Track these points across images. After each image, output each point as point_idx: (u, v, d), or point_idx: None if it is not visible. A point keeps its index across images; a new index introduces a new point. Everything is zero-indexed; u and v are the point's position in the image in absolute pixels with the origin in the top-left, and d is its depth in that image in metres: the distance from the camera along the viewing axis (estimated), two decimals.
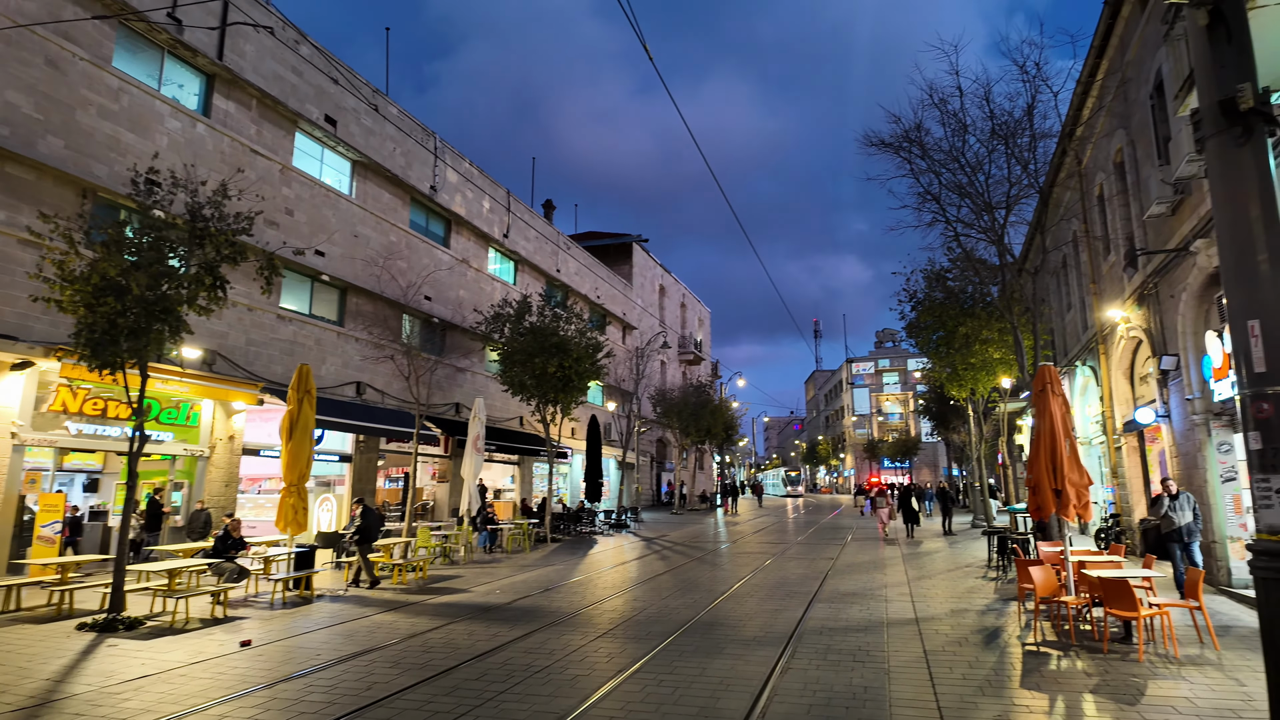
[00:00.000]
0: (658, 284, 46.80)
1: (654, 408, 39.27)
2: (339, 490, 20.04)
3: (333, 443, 19.38)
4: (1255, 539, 3.90)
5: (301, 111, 18.54)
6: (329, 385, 19.20)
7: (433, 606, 10.80)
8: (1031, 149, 12.82)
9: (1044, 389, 9.97)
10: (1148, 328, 13.01)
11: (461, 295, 24.80)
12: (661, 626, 9.23)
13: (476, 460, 17.97)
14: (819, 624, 9.35)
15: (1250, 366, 3.93)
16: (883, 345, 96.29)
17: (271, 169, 17.78)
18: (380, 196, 21.62)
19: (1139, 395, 14.98)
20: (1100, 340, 16.23)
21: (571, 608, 10.62)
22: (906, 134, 13.63)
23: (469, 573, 14.39)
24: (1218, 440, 10.71)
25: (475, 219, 25.89)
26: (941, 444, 60.25)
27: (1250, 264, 4.01)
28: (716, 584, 12.90)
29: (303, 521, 12.17)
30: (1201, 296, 10.88)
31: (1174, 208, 11.17)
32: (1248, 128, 4.08)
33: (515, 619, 9.81)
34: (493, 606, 10.76)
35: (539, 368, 20.45)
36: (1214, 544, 10.79)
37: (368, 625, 9.49)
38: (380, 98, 21.67)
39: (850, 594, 11.65)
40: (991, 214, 13.17)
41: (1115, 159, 14.37)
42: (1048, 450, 9.81)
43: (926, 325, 21.26)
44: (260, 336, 17.33)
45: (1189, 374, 11.25)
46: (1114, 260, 14.87)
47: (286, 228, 18.06)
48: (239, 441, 16.54)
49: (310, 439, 12.48)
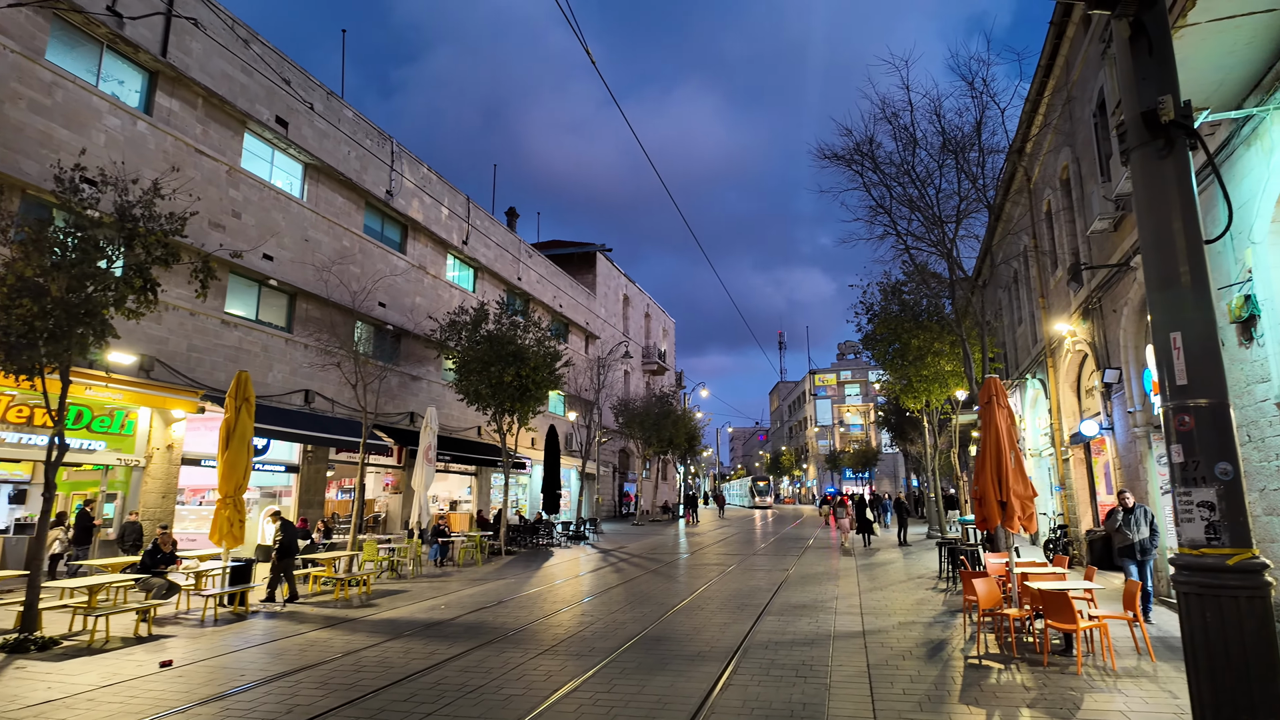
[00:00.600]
0: (622, 293, 46.71)
1: (616, 418, 39.07)
2: (286, 501, 19.45)
3: (279, 453, 18.81)
4: (1177, 553, 3.87)
5: (251, 112, 18.06)
6: (276, 393, 18.66)
7: (372, 623, 10.44)
8: (980, 164, 13.02)
9: (990, 400, 10.04)
10: (1092, 341, 13.24)
11: (418, 302, 24.37)
12: (607, 642, 9.03)
13: (428, 471, 17.58)
14: (766, 638, 9.24)
15: (1173, 379, 3.91)
16: (845, 357, 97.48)
17: (218, 170, 17.26)
18: (333, 200, 21.16)
19: (1085, 408, 15.25)
20: (1049, 354, 16.51)
21: (516, 623, 10.36)
22: (858, 147, 13.77)
23: (416, 587, 14.00)
24: (1158, 452, 10.90)
25: (433, 225, 25.50)
26: (900, 455, 61.03)
27: (1172, 276, 4.00)
28: (669, 596, 12.73)
29: (239, 535, 11.71)
30: (1142, 311, 11.08)
31: (1116, 224, 11.39)
32: (1169, 140, 4.08)
33: (456, 636, 9.51)
34: (435, 622, 10.44)
35: (495, 376, 20.14)
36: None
37: (300, 643, 9.11)
38: (335, 100, 21.25)
39: (801, 606, 11.58)
40: (941, 228, 13.33)
41: (1062, 176, 14.66)
42: (993, 462, 9.88)
43: (882, 337, 21.46)
44: (203, 342, 16.75)
45: (1131, 387, 11.45)
46: (1061, 275, 15.15)
47: (233, 230, 17.53)
48: (178, 451, 15.93)
49: (249, 448, 12.04)
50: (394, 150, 23.65)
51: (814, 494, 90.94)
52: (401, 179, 23.92)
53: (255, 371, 18.13)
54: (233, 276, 17.92)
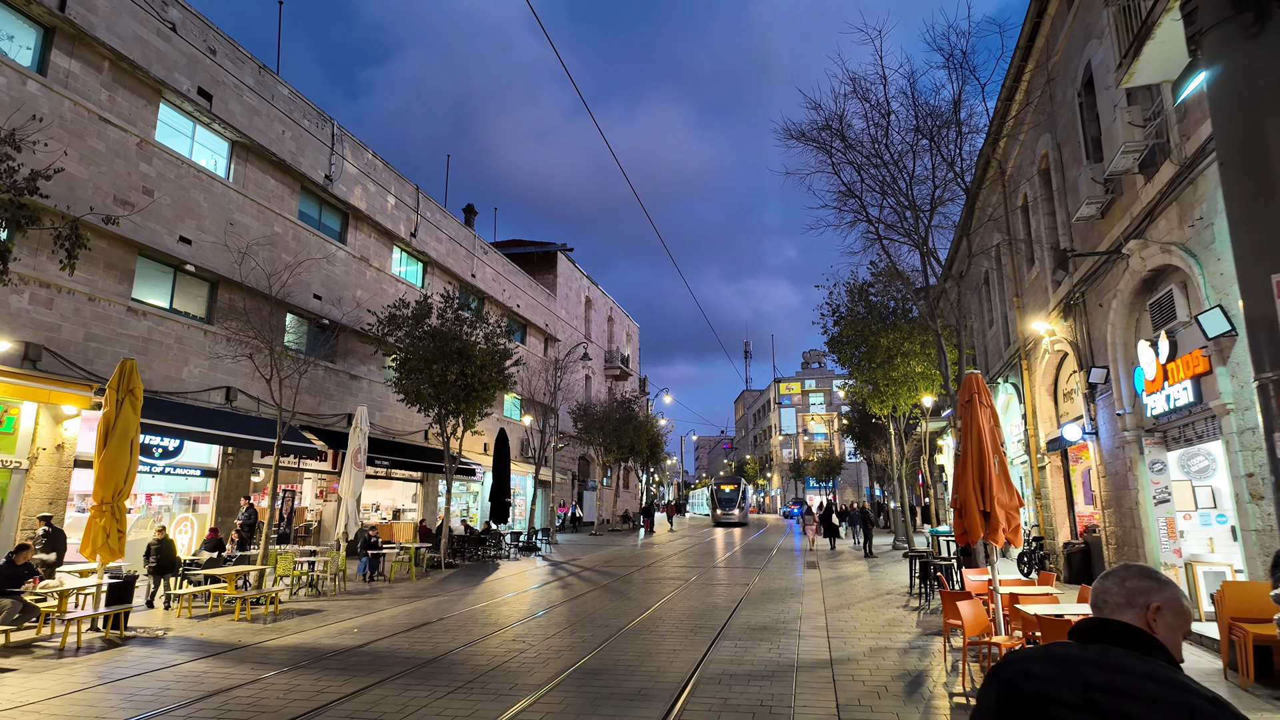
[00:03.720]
0: (584, 295, 45.38)
1: (575, 423, 37.66)
2: (203, 509, 17.71)
3: (195, 455, 17.09)
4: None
5: (167, 80, 16.41)
6: (192, 389, 16.96)
7: (265, 651, 8.95)
8: (958, 145, 12.07)
9: (971, 399, 8.96)
10: (1074, 340, 12.35)
11: (359, 295, 22.76)
12: (534, 675, 7.70)
13: (357, 476, 16.05)
14: (720, 669, 8.00)
15: (1275, 339, 2.78)
16: (809, 365, 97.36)
17: (126, 141, 15.58)
18: (264, 183, 19.52)
19: (1063, 412, 14.38)
20: (1023, 355, 15.66)
21: (434, 651, 8.96)
22: (828, 123, 12.71)
23: (334, 606, 12.49)
24: (1150, 458, 9.96)
25: (378, 214, 23.93)
26: (864, 464, 60.64)
27: (1267, 197, 2.87)
28: (616, 617, 11.43)
29: (117, 547, 10.11)
30: (1133, 304, 10.18)
31: (1104, 209, 10.48)
32: (1261, 12, 2.96)
33: (358, 667, 8.09)
34: (340, 650, 8.99)
35: (438, 375, 18.65)
36: None
37: (167, 678, 7.61)
38: (268, 75, 19.65)
39: (761, 628, 10.38)
40: (915, 212, 12.35)
41: (1040, 165, 13.82)
42: (975, 468, 8.78)
43: (848, 339, 20.52)
44: (104, 331, 15.03)
45: (1119, 387, 10.53)
46: (1038, 272, 14.29)
47: (144, 209, 15.85)
48: (70, 452, 14.17)
49: (132, 447, 10.46)
50: (335, 133, 22.08)
51: (778, 503, 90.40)
52: (343, 164, 22.35)
53: (168, 366, 16.44)
54: (142, 260, 16.23)
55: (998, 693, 1.53)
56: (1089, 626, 1.58)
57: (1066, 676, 1.44)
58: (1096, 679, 1.41)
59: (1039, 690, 1.46)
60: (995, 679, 1.57)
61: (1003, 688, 1.53)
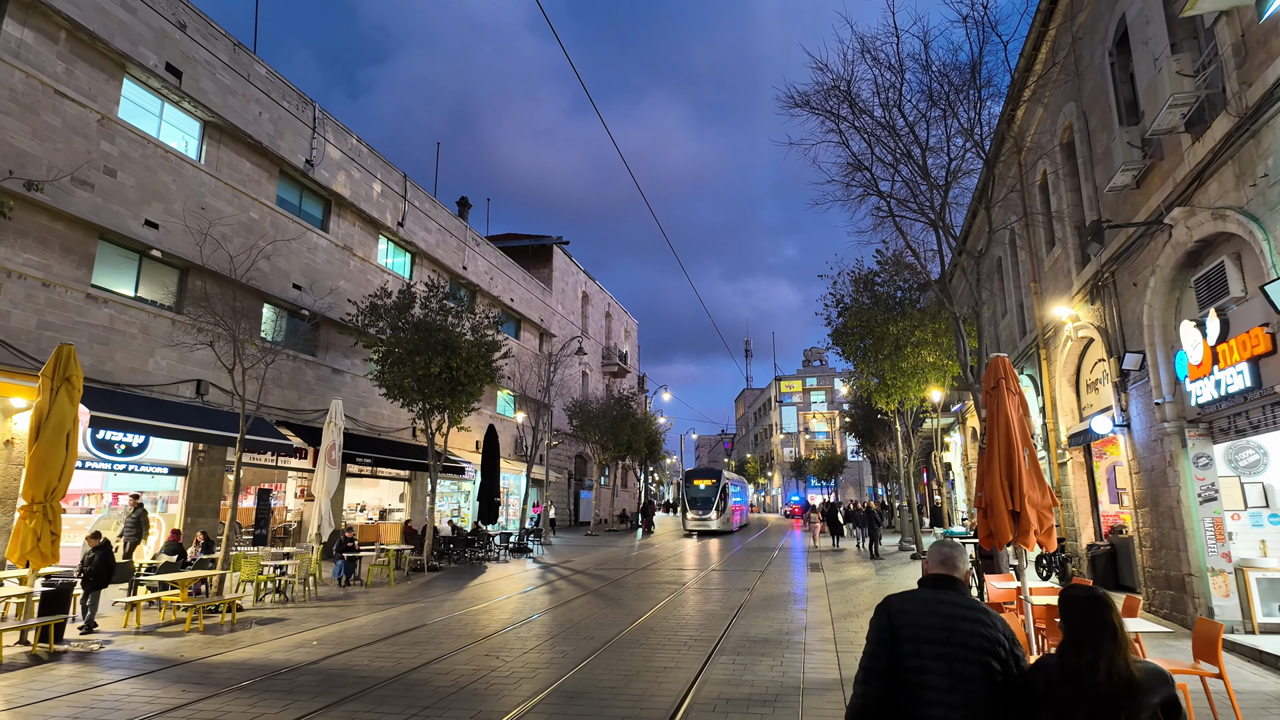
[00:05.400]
0: (580, 290, 44.41)
1: (570, 420, 36.69)
2: (172, 509, 16.76)
3: (163, 452, 16.13)
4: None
5: (132, 54, 15.45)
6: (159, 382, 16.03)
7: (206, 668, 7.99)
8: (977, 108, 11.08)
9: (997, 385, 7.97)
10: (1102, 325, 11.36)
11: (342, 286, 21.79)
12: (503, 700, 6.74)
13: (332, 475, 15.13)
14: (715, 691, 7.04)
15: None
16: (810, 364, 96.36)
17: (85, 118, 14.63)
18: (240, 166, 18.56)
19: (1087, 404, 13.40)
20: (1041, 345, 14.68)
21: (396, 668, 8.00)
22: (835, 85, 11.69)
23: (300, 614, 11.53)
24: (1195, 452, 8.98)
25: (362, 202, 22.97)
26: (866, 462, 59.71)
27: None
28: (604, 626, 10.47)
29: (49, 551, 9.14)
30: (1175, 280, 9.20)
31: (1140, 177, 9.51)
32: None
33: (304, 689, 7.13)
34: (290, 667, 8.03)
35: (421, 367, 17.67)
36: (1190, 578, 9.01)
37: (81, 703, 6.65)
38: (244, 54, 18.67)
39: (762, 640, 9.41)
40: (931, 184, 11.35)
41: (1062, 138, 12.84)
42: (1003, 463, 7.79)
43: (853, 330, 19.52)
44: (60, 319, 14.08)
45: (1157, 374, 9.55)
46: (1060, 253, 13.31)
47: (106, 190, 14.91)
48: (20, 448, 13.21)
49: (69, 441, 9.49)
50: (317, 116, 21.11)
51: (778, 502, 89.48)
52: (325, 148, 21.38)
53: (132, 357, 15.49)
54: (104, 244, 15.28)
55: (890, 620, 2.54)
56: (935, 579, 2.65)
57: (928, 609, 2.53)
58: (942, 609, 2.51)
59: (913, 618, 2.51)
60: (886, 610, 2.58)
61: (892, 617, 2.55)
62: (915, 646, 2.42)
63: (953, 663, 2.37)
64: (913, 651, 2.42)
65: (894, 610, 2.53)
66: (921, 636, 2.43)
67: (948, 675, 2.36)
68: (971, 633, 2.40)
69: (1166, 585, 9.69)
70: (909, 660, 2.42)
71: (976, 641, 2.38)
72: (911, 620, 2.48)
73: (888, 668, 2.45)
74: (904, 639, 2.45)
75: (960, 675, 2.35)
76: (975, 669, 2.36)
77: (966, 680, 2.35)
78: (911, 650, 2.43)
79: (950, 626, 2.42)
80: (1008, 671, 2.38)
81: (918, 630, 2.44)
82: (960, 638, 2.40)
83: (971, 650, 2.37)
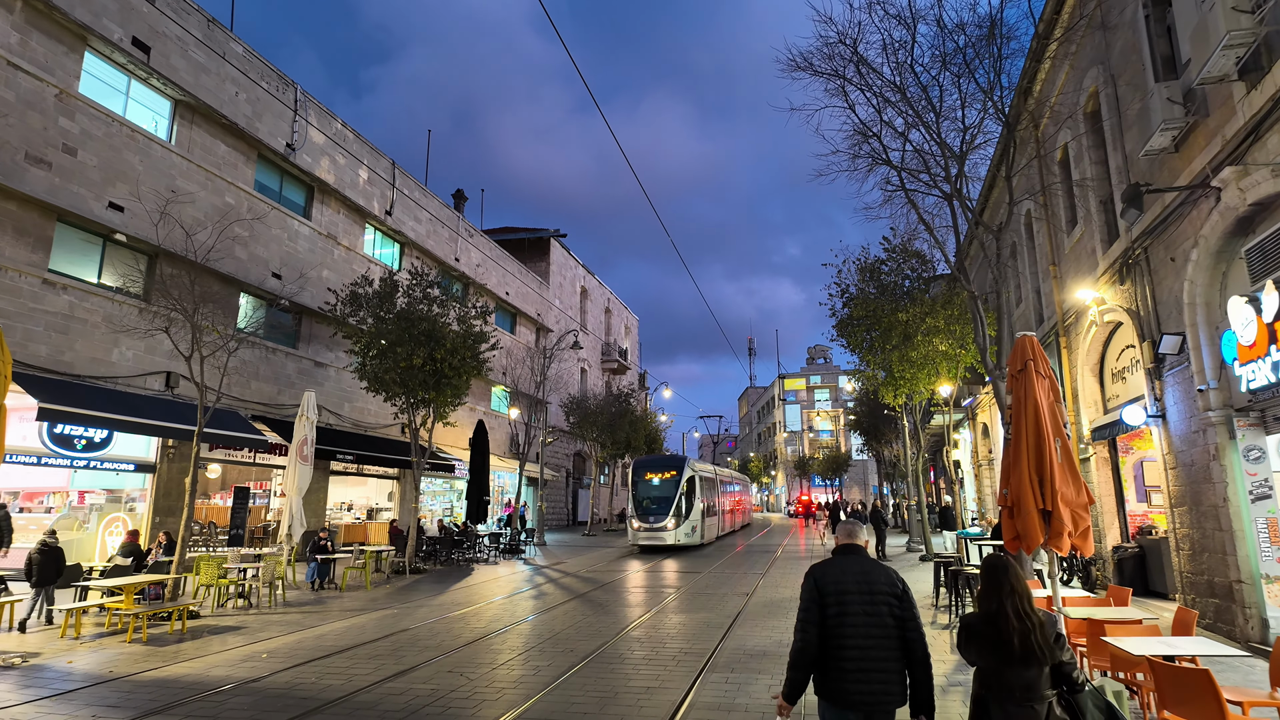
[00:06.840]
0: (579, 285, 43.47)
1: (567, 416, 35.77)
2: (140, 508, 15.89)
3: (129, 447, 15.27)
4: None
5: (94, 26, 14.57)
6: (124, 374, 15.15)
7: (130, 687, 7.09)
8: (997, 66, 10.12)
9: (1025, 368, 7.01)
10: (1132, 306, 10.40)
11: (326, 276, 20.89)
12: None
13: (303, 472, 14.28)
14: (703, 717, 6.10)
15: None
16: (814, 361, 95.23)
17: (42, 92, 13.75)
18: (214, 148, 17.67)
19: (1113, 395, 12.43)
20: (1061, 332, 13.72)
21: (348, 687, 7.08)
22: (841, 39, 10.70)
23: (260, 622, 10.63)
24: (1245, 444, 8.02)
25: (347, 189, 22.06)
26: (872, 461, 58.61)
27: None
28: (586, 637, 9.54)
29: None
30: (1221, 251, 8.23)
31: (1181, 138, 8.55)
32: None
33: (235, 712, 6.22)
34: (227, 685, 7.12)
35: (403, 359, 16.77)
36: (1239, 585, 8.04)
37: None
38: (219, 30, 17.77)
39: (760, 654, 8.47)
40: (946, 151, 10.39)
41: (1087, 107, 11.86)
42: (1032, 456, 6.81)
43: (859, 320, 18.54)
44: (11, 306, 13.21)
45: (1199, 357, 8.58)
46: (1083, 232, 12.34)
47: (64, 169, 14.04)
48: None
49: None
50: (298, 98, 20.21)
51: (782, 501, 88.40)
52: (308, 132, 20.48)
53: (94, 347, 14.62)
54: (63, 227, 14.42)
55: (816, 586, 3.31)
56: (844, 549, 3.49)
57: (848, 574, 3.30)
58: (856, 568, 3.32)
59: (835, 579, 3.29)
60: (813, 579, 3.35)
61: (818, 581, 3.32)
62: (838, 599, 3.22)
63: (868, 605, 3.20)
64: (835, 603, 3.21)
65: (818, 576, 3.34)
66: (844, 589, 3.24)
67: (864, 615, 3.18)
68: (881, 580, 3.27)
69: (1210, 593, 8.72)
70: (831, 609, 3.21)
71: (884, 587, 3.25)
72: (834, 581, 3.28)
73: (819, 618, 3.22)
74: (828, 594, 3.25)
75: (874, 614, 3.18)
76: (884, 607, 3.19)
77: (878, 616, 3.18)
78: (835, 602, 3.22)
79: (866, 579, 3.27)
80: (903, 606, 3.22)
81: (841, 586, 3.25)
82: (873, 585, 3.25)
83: (880, 594, 3.22)
